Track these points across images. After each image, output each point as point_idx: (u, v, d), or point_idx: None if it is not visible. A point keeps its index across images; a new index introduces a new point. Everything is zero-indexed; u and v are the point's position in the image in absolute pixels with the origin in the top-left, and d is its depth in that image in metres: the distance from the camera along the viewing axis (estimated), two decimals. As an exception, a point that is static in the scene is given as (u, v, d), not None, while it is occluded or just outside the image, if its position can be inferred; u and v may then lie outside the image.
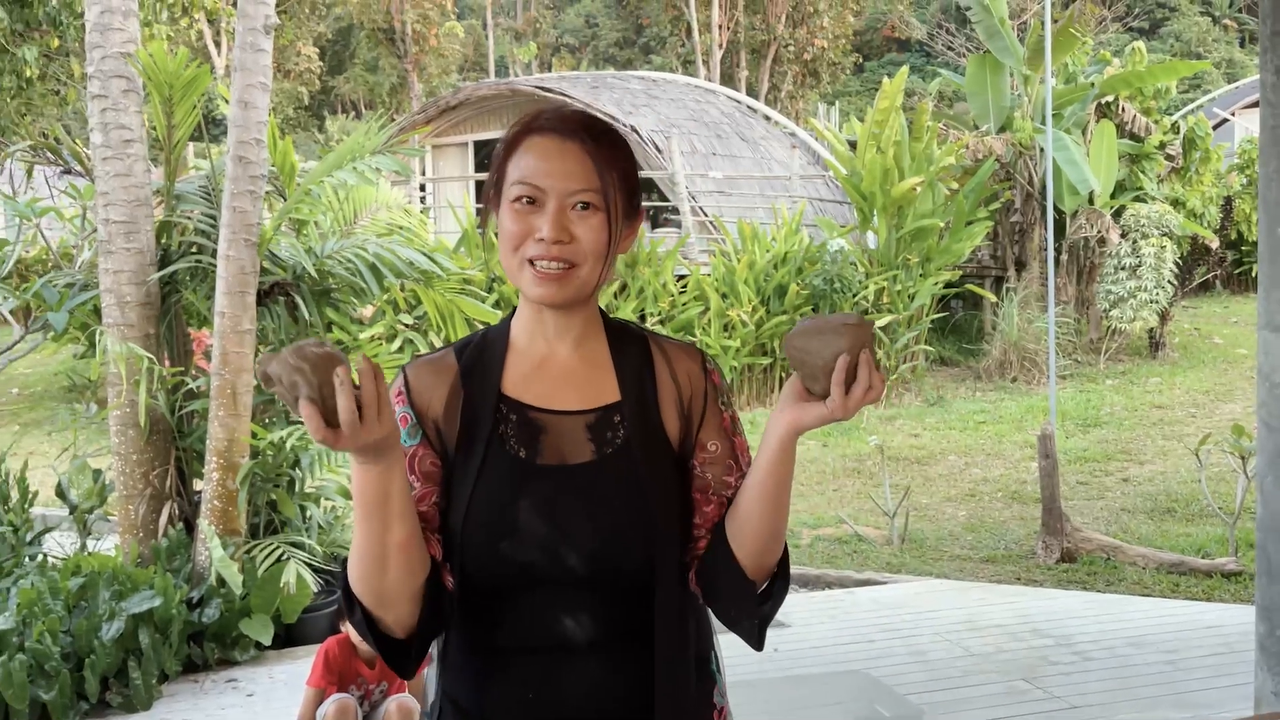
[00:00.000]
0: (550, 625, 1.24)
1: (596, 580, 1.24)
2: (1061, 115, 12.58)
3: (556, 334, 1.32)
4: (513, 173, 1.26)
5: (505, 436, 1.27)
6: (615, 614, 1.25)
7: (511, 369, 1.31)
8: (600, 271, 1.27)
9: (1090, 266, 13.06)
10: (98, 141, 4.49)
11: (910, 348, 11.47)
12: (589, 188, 1.25)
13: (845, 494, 7.47)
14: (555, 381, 1.31)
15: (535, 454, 1.27)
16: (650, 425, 1.30)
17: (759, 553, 1.26)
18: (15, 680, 3.52)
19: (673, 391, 1.33)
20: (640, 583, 1.25)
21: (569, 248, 1.24)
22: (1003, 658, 4.22)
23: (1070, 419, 9.56)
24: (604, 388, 1.31)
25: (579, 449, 1.27)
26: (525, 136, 1.27)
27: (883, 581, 5.41)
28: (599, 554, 1.23)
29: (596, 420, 1.29)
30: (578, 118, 1.28)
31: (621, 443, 1.28)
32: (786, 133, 15.46)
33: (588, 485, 1.26)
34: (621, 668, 1.26)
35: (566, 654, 1.25)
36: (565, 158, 1.25)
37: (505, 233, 1.26)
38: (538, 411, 1.29)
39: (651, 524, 1.25)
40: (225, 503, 4.36)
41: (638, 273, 10.55)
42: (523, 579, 1.23)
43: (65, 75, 11.06)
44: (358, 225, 5.50)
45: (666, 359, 1.35)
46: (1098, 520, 6.51)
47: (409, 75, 30.37)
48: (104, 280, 4.49)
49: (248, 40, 4.37)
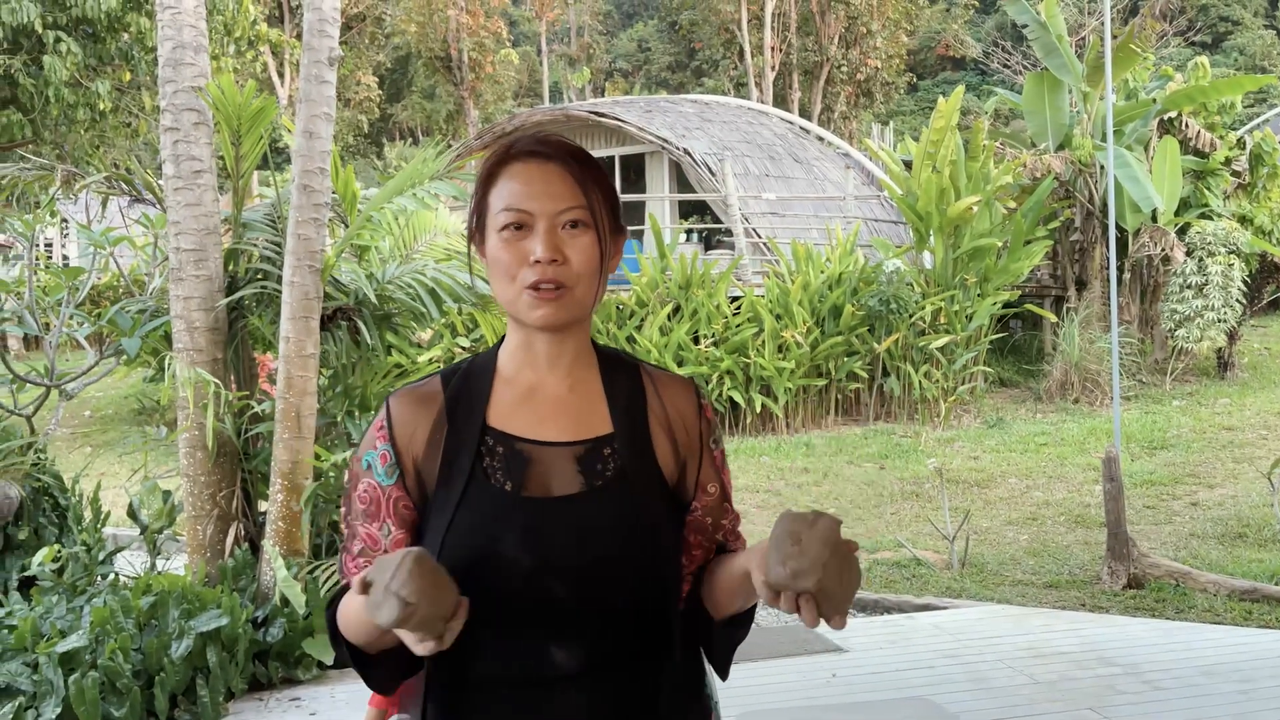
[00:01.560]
0: (538, 656, 1.23)
1: (585, 611, 1.22)
2: (1123, 132, 12.39)
3: (547, 363, 1.29)
4: (496, 202, 1.25)
5: (490, 469, 1.25)
6: (604, 644, 1.24)
7: (498, 399, 1.29)
8: (594, 290, 1.26)
9: (1154, 285, 12.80)
10: (169, 172, 4.63)
11: (969, 369, 11.32)
12: (576, 205, 1.24)
13: (904, 517, 7.38)
14: (544, 412, 1.28)
15: (520, 486, 1.24)
16: (642, 458, 1.28)
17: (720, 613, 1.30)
18: (88, 697, 3.61)
19: (665, 424, 1.31)
20: (630, 613, 1.24)
21: (563, 269, 1.23)
22: (1068, 686, 4.13)
23: (1135, 441, 9.35)
24: (594, 418, 1.29)
25: (567, 481, 1.25)
26: (504, 165, 1.26)
27: (943, 606, 5.33)
28: (588, 585, 1.22)
29: (586, 452, 1.27)
30: (555, 141, 1.27)
31: (612, 475, 1.26)
32: (840, 153, 15.41)
33: (576, 517, 1.23)
34: (610, 698, 1.24)
35: (554, 684, 1.23)
36: (549, 179, 1.24)
37: (498, 263, 1.25)
38: (524, 443, 1.26)
39: (644, 555, 1.23)
40: (289, 524, 4.44)
41: (691, 294, 10.57)
42: (506, 610, 1.22)
43: (137, 108, 11.43)
44: (417, 250, 5.60)
45: (659, 391, 1.33)
46: (1165, 545, 6.35)
47: (465, 102, 30.86)
48: (174, 306, 4.61)
49: (312, 72, 4.49)
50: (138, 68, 11.01)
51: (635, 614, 1.25)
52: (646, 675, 1.27)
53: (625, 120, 13.82)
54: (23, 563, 4.64)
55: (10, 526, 4.72)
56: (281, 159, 13.59)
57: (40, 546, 4.59)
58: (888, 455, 9.38)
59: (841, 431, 10.61)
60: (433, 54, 30.96)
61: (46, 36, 10.07)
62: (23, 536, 4.72)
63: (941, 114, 11.53)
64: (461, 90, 30.81)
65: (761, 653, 4.59)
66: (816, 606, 1.09)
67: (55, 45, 10.09)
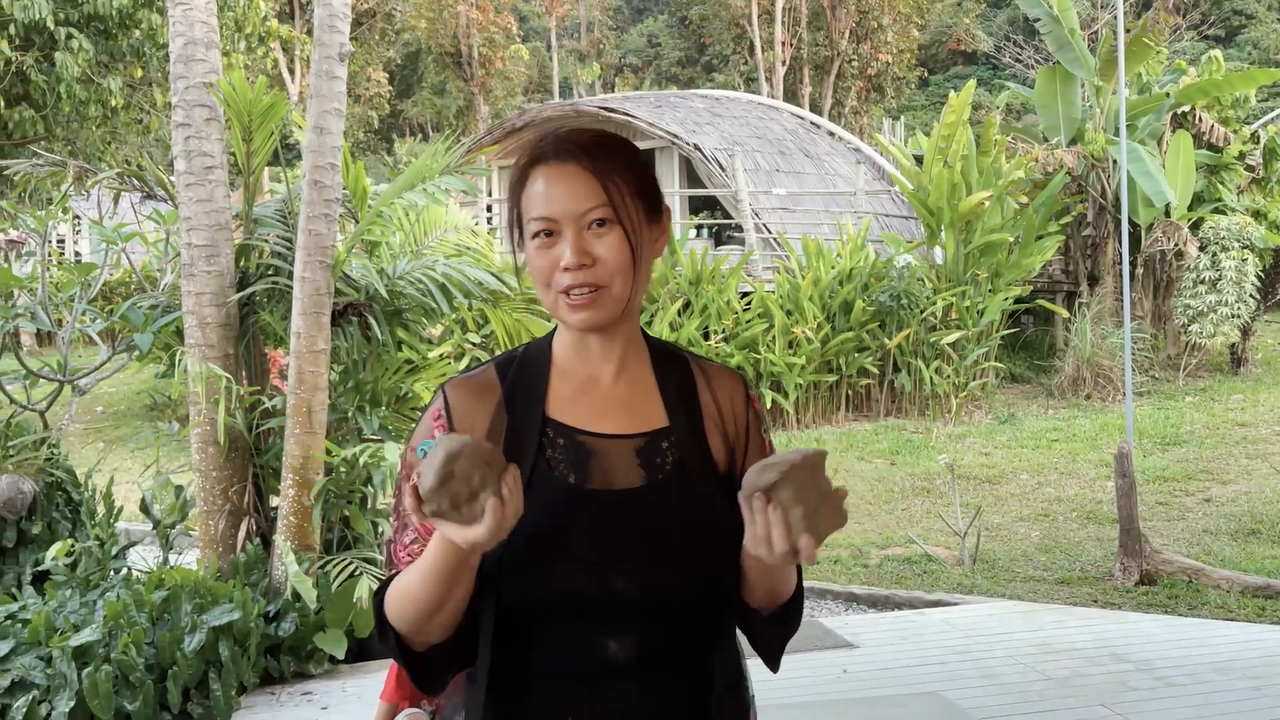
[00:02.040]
0: (593, 648, 1.23)
1: (643, 604, 1.23)
2: (1135, 126, 12.32)
3: (600, 357, 1.30)
4: (528, 209, 1.26)
5: (553, 460, 1.25)
6: (657, 637, 1.24)
7: (556, 390, 1.29)
8: (632, 286, 1.25)
9: (1167, 280, 12.73)
10: (181, 168, 4.65)
11: (980, 364, 11.28)
12: (597, 204, 1.23)
13: (914, 513, 7.36)
14: (601, 405, 1.29)
15: (584, 478, 1.25)
16: (699, 450, 1.29)
17: (761, 603, 1.29)
18: (101, 691, 3.64)
19: (716, 416, 1.32)
20: (687, 606, 1.25)
21: (593, 270, 1.23)
22: (1080, 682, 4.11)
23: (1148, 437, 9.31)
24: (650, 412, 1.30)
25: (628, 474, 1.26)
26: (529, 169, 1.27)
27: (954, 603, 5.32)
28: (650, 579, 1.22)
29: (645, 445, 1.27)
30: (573, 138, 1.27)
31: (672, 468, 1.27)
32: (851, 148, 15.37)
33: (638, 510, 1.24)
34: (660, 690, 1.25)
35: (607, 677, 1.23)
36: (567, 181, 1.24)
37: (534, 270, 1.26)
38: (586, 435, 1.27)
39: (704, 548, 1.23)
40: (300, 519, 4.46)
41: (701, 290, 10.56)
42: (568, 604, 1.22)
43: (148, 104, 11.46)
44: (427, 246, 5.61)
45: (709, 383, 1.34)
46: (1178, 542, 6.32)
47: (475, 98, 30.87)
48: (186, 302, 4.63)
49: (323, 68, 4.50)
50: (149, 64, 11.04)
51: (691, 607, 1.26)
52: (697, 668, 1.27)
53: (635, 116, 13.80)
54: (36, 557, 4.67)
55: (24, 521, 4.74)
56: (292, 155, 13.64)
57: (54, 541, 4.62)
58: (899, 451, 9.36)
59: (852, 427, 10.59)
60: (443, 50, 30.97)
61: (58, 33, 10.11)
62: (36, 531, 4.75)
63: (953, 108, 11.49)
64: (472, 86, 30.82)
65: (772, 648, 4.59)
66: (784, 521, 1.09)
67: (67, 42, 10.13)
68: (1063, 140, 12.95)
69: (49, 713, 3.62)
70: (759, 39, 28.29)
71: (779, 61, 28.40)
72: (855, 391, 11.10)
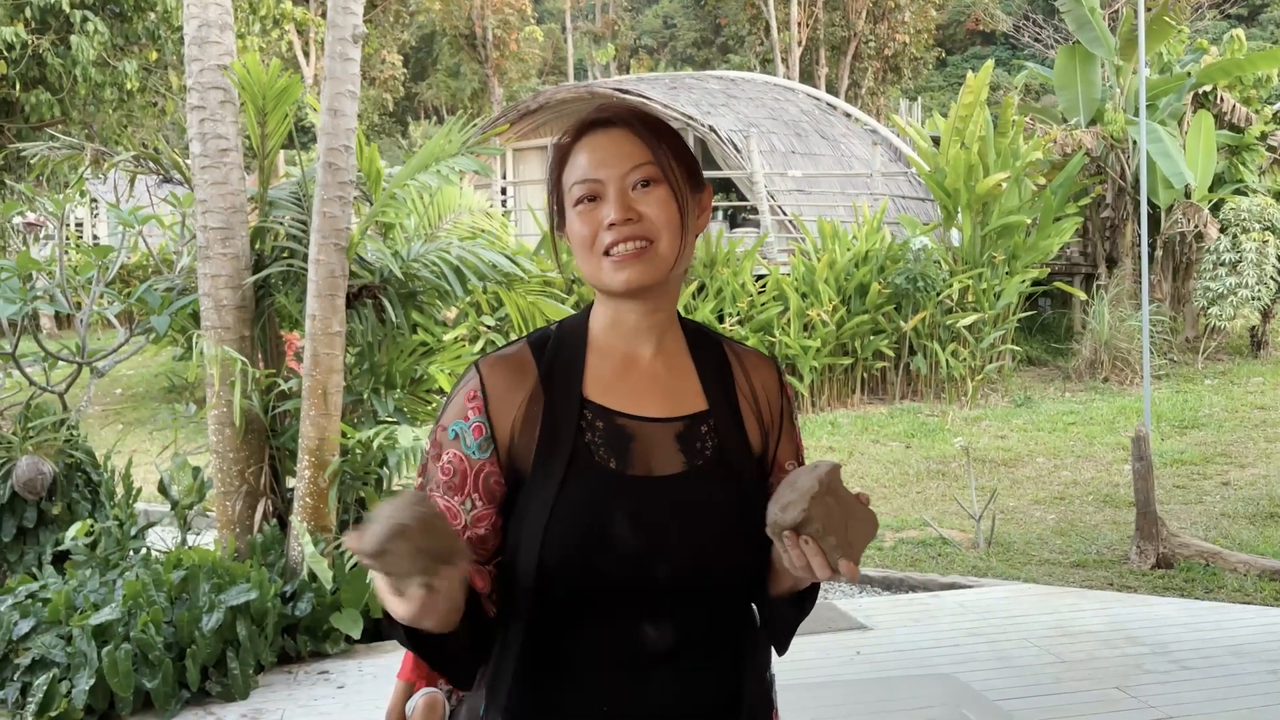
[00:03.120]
0: (631, 637, 1.20)
1: (681, 592, 1.21)
2: (1156, 106, 12.18)
3: (637, 335, 1.27)
4: (569, 180, 1.24)
5: (593, 445, 1.22)
6: (694, 624, 1.23)
7: (593, 370, 1.26)
8: (679, 247, 1.22)
9: (1187, 263, 12.61)
10: (196, 151, 4.66)
11: (996, 347, 11.22)
12: (644, 162, 1.21)
13: (929, 496, 7.34)
14: (640, 386, 1.26)
15: (625, 464, 1.21)
16: (738, 436, 1.27)
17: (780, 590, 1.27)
18: (121, 669, 3.68)
19: (751, 400, 1.30)
20: (722, 593, 1.24)
21: (640, 225, 1.20)
22: (1095, 665, 4.11)
23: (1166, 420, 9.25)
24: (688, 394, 1.27)
25: (669, 459, 1.23)
26: (572, 144, 1.25)
27: (968, 585, 5.31)
28: (689, 567, 1.20)
29: (685, 429, 1.25)
30: (618, 106, 1.26)
31: (712, 454, 1.24)
32: (867, 129, 15.27)
33: (680, 497, 1.21)
34: (700, 675, 1.24)
35: (644, 665, 1.21)
36: (614, 143, 1.22)
37: (576, 237, 1.23)
38: (625, 418, 1.23)
39: (747, 536, 1.21)
40: (316, 500, 4.49)
41: (716, 273, 10.53)
42: (609, 593, 1.19)
43: (164, 88, 11.49)
44: (442, 229, 5.61)
45: (744, 367, 1.32)
46: (1195, 525, 6.29)
47: (490, 80, 30.80)
48: (202, 285, 4.65)
49: (337, 50, 4.49)
50: (164, 47, 11.06)
51: (728, 593, 1.25)
52: (733, 654, 1.26)
53: (650, 97, 13.74)
54: (57, 537, 4.72)
55: (44, 502, 4.79)
56: (307, 137, 13.66)
57: (73, 521, 4.67)
58: (914, 434, 9.33)
59: (867, 410, 10.56)
60: (457, 31, 30.89)
61: (74, 16, 10.13)
62: (56, 511, 4.79)
63: (970, 89, 11.38)
64: (486, 68, 30.75)
65: (786, 630, 4.60)
66: (820, 550, 1.08)
67: (83, 25, 10.15)
68: (1082, 121, 12.82)
69: (69, 690, 3.66)
70: (775, 19, 28.08)
71: (795, 42, 28.20)
72: (870, 374, 11.07)
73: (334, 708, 3.87)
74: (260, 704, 3.91)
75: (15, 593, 4.04)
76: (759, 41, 29.87)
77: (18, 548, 4.79)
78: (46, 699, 3.63)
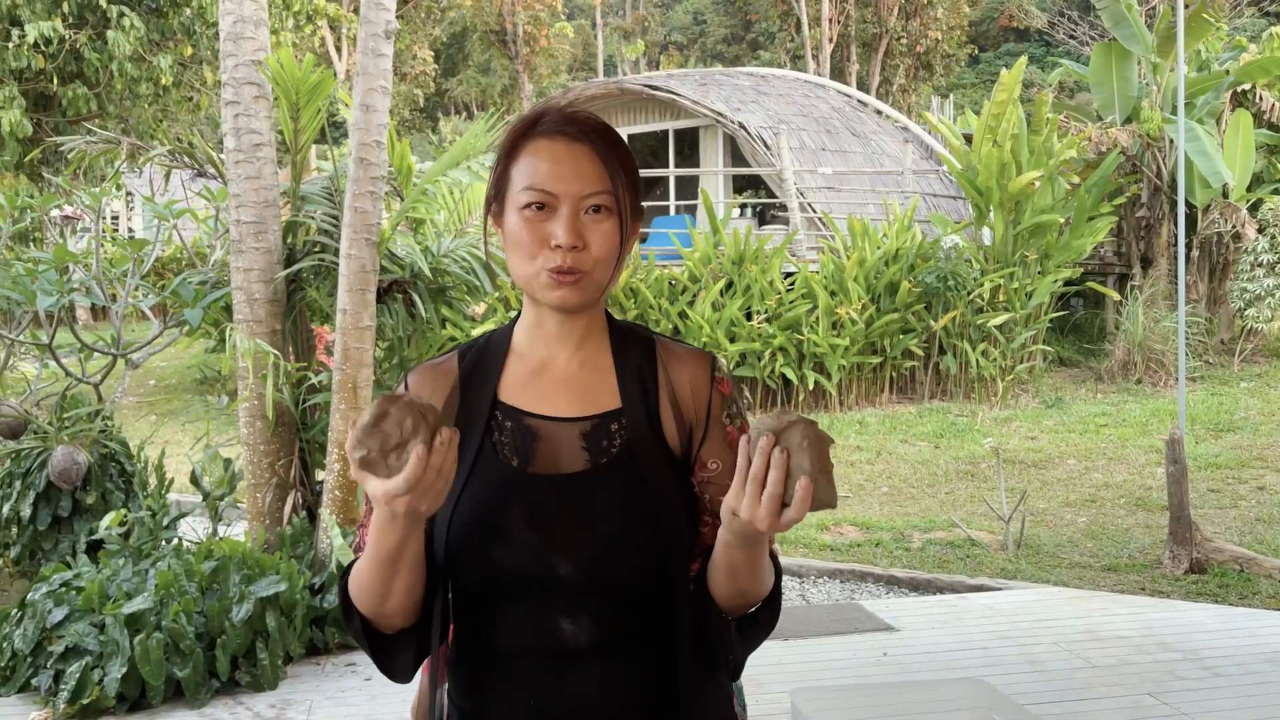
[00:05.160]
0: (549, 629, 1.22)
1: (592, 588, 1.21)
2: (1194, 104, 12.01)
3: (558, 338, 1.29)
4: (519, 178, 1.23)
5: (499, 444, 1.25)
6: (617, 620, 1.22)
7: (510, 374, 1.29)
8: (610, 274, 1.24)
9: (1223, 263, 12.44)
10: (230, 146, 4.70)
11: (1027, 347, 11.11)
12: (602, 190, 1.22)
13: (958, 497, 7.29)
14: (553, 387, 1.28)
15: (527, 462, 1.24)
16: (650, 433, 1.26)
17: (730, 606, 1.23)
18: (153, 658, 3.72)
19: (672, 397, 1.29)
20: (639, 591, 1.23)
21: (583, 255, 1.21)
22: (1126, 670, 4.06)
23: (1200, 423, 9.12)
24: (602, 393, 1.28)
25: (573, 458, 1.24)
26: (530, 140, 1.24)
27: (996, 588, 5.26)
28: (594, 563, 1.20)
29: (593, 428, 1.25)
30: (584, 119, 1.25)
31: (618, 451, 1.24)
32: (899, 127, 15.16)
33: (580, 494, 1.22)
34: (626, 673, 1.23)
35: (568, 659, 1.22)
36: (576, 160, 1.22)
37: (517, 241, 1.23)
38: (533, 418, 1.26)
39: (651, 533, 1.20)
40: (345, 493, 4.52)
41: (744, 270, 10.50)
42: (515, 586, 1.21)
43: (199, 83, 11.60)
44: (471, 224, 5.63)
45: (669, 363, 1.30)
46: (1230, 530, 6.20)
47: (520, 76, 30.87)
48: (234, 278, 4.69)
49: (369, 45, 4.51)
50: (199, 42, 11.17)
51: (645, 591, 1.23)
52: (661, 653, 1.25)
53: (679, 94, 13.71)
54: (91, 526, 4.78)
55: (79, 491, 4.86)
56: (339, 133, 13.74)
57: (107, 511, 4.73)
58: (943, 434, 9.26)
59: (896, 410, 10.49)
60: (488, 28, 30.98)
61: (111, 11, 10.26)
62: (91, 501, 4.86)
63: (1004, 86, 11.27)
64: (516, 64, 30.82)
65: (812, 630, 4.58)
66: (785, 467, 1.04)
67: (119, 20, 10.27)
68: (1117, 119, 12.67)
69: (102, 678, 3.71)
70: (806, 16, 27.94)
71: (826, 38, 28.04)
72: (899, 373, 11.00)
73: (361, 699, 3.90)
74: (289, 695, 3.94)
75: (50, 581, 4.10)
76: (789, 38, 29.73)
77: (53, 536, 4.87)
78: (79, 687, 3.68)
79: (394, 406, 1.06)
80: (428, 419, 1.06)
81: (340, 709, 3.83)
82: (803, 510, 1.04)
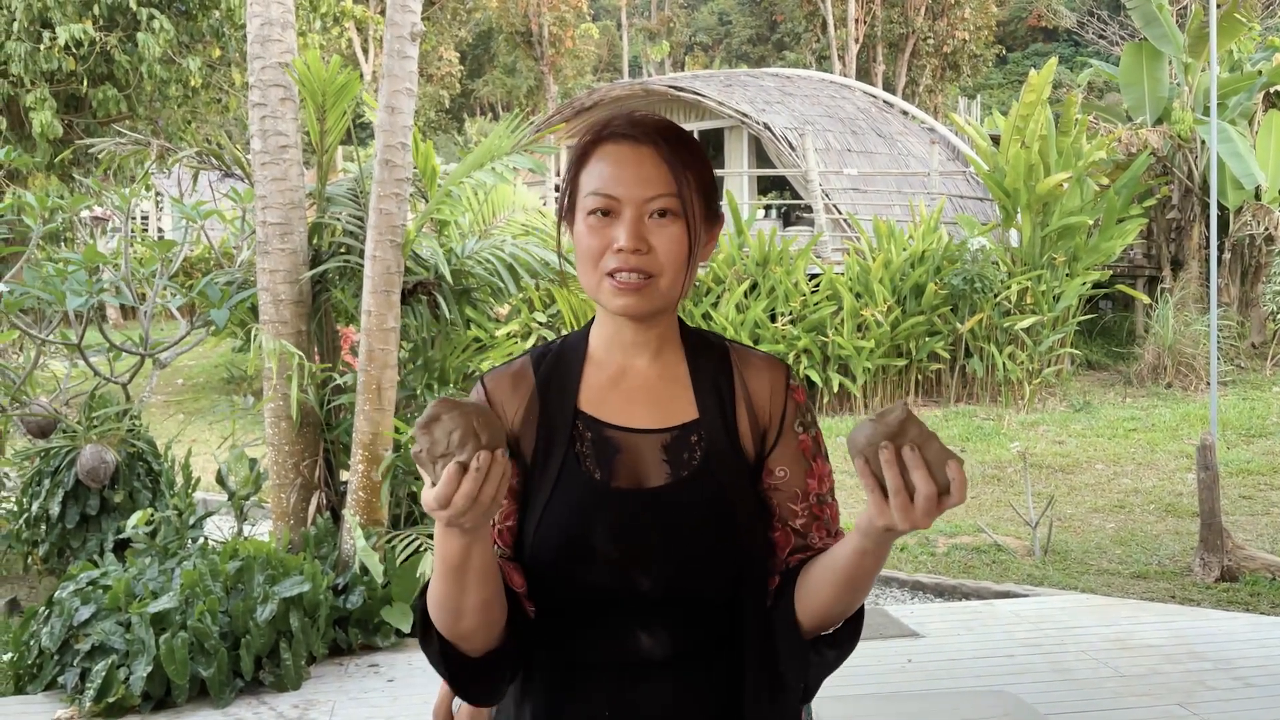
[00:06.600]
0: (626, 642, 1.22)
1: (671, 600, 1.21)
2: (1226, 105, 11.86)
3: (634, 346, 1.27)
4: (586, 184, 1.22)
5: (581, 455, 1.23)
6: (693, 632, 1.23)
7: (588, 382, 1.27)
8: (681, 282, 1.22)
9: (1256, 266, 12.27)
10: (257, 147, 4.72)
11: (1055, 350, 11.00)
12: (666, 193, 1.20)
13: (984, 502, 7.22)
14: (631, 397, 1.26)
15: (610, 475, 1.23)
16: (728, 444, 1.25)
17: (818, 624, 1.20)
18: (178, 657, 3.75)
19: (749, 405, 1.28)
20: (717, 603, 1.23)
21: (647, 258, 1.19)
22: (1156, 680, 4.00)
23: (1232, 428, 8.99)
24: (680, 404, 1.26)
25: (654, 471, 1.23)
26: (597, 145, 1.23)
27: (1023, 594, 5.20)
28: (675, 578, 1.20)
29: (673, 440, 1.24)
30: (651, 122, 1.23)
31: (699, 464, 1.23)
32: (925, 128, 15.06)
33: (663, 510, 1.21)
34: (698, 685, 1.23)
35: (643, 670, 1.22)
36: (640, 164, 1.20)
37: (582, 248, 1.22)
38: (614, 430, 1.24)
39: (732, 547, 1.21)
40: (369, 494, 4.53)
41: (769, 271, 10.46)
42: (596, 599, 1.21)
43: (227, 84, 11.69)
44: (495, 226, 5.64)
45: (744, 372, 1.29)
46: (1262, 538, 6.10)
47: (545, 77, 30.93)
48: (261, 279, 4.72)
49: (395, 47, 4.53)
50: (228, 44, 11.27)
51: (722, 604, 1.23)
52: (733, 665, 1.24)
53: (704, 95, 13.69)
54: (118, 525, 4.82)
55: (107, 490, 4.90)
56: (364, 134, 13.82)
57: (134, 510, 4.77)
58: (969, 438, 9.18)
59: (921, 413, 10.41)
60: (513, 29, 31.07)
61: (141, 14, 10.36)
62: (118, 500, 4.90)
63: (1032, 87, 11.16)
64: (542, 65, 30.88)
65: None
66: (923, 461, 1.00)
67: (149, 22, 10.37)
68: (1148, 120, 12.52)
69: (127, 677, 3.74)
70: (832, 16, 27.83)
71: (852, 39, 27.91)
72: (925, 376, 10.92)
73: (383, 700, 3.91)
74: (312, 695, 3.95)
75: (77, 579, 4.13)
76: (815, 38, 29.62)
77: (80, 534, 4.91)
78: (105, 685, 3.70)
79: (447, 413, 1.03)
80: (480, 437, 1.02)
81: (363, 709, 3.84)
82: (964, 489, 1.02)
